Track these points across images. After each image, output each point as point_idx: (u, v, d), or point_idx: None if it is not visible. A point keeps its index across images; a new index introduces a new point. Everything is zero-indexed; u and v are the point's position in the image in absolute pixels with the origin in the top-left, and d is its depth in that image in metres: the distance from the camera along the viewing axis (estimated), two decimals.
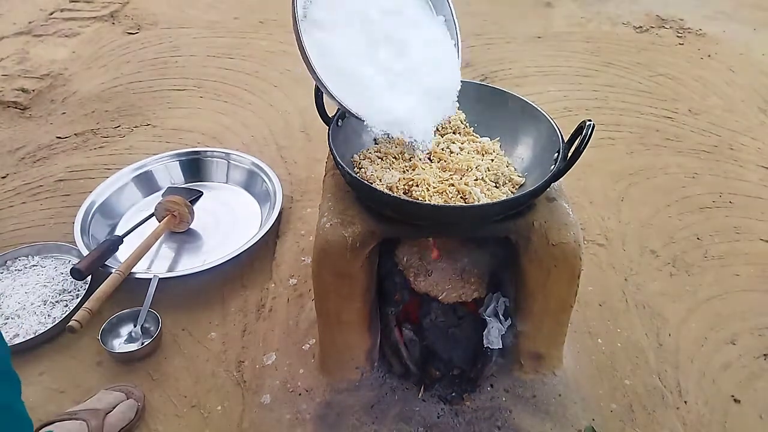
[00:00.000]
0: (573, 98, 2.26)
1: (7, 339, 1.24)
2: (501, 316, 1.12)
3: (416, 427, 1.14)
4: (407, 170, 1.03)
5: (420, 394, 1.19)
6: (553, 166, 0.96)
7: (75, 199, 1.72)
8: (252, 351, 1.32)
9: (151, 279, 1.40)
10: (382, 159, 1.06)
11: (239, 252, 1.48)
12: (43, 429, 1.06)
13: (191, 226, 1.63)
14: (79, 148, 1.99)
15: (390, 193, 0.96)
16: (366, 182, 0.97)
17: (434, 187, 0.99)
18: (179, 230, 1.60)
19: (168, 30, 2.76)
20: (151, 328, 1.35)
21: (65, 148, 1.98)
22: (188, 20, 2.85)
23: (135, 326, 1.33)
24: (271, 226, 1.57)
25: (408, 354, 1.18)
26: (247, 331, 1.37)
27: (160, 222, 1.56)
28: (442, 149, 1.09)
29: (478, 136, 1.15)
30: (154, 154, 1.82)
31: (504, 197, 0.99)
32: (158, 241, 1.56)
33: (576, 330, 1.33)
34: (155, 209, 1.58)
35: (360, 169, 1.04)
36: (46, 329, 1.32)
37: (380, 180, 1.00)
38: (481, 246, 1.13)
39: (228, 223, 1.66)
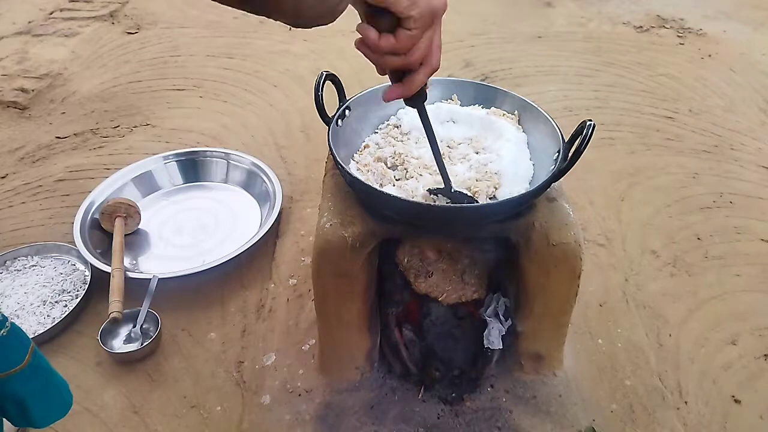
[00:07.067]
0: (573, 98, 2.25)
1: None
2: (501, 316, 1.12)
3: (416, 427, 1.13)
4: None
5: (420, 395, 1.18)
6: (553, 166, 0.96)
7: (74, 199, 1.71)
8: (252, 351, 1.31)
9: (150, 279, 1.40)
10: None
11: (239, 252, 1.47)
12: None
13: (190, 227, 1.63)
14: (78, 148, 1.98)
15: (390, 193, 0.96)
16: (366, 182, 0.97)
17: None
18: (128, 231, 1.58)
19: (168, 30, 2.76)
20: (151, 329, 1.34)
21: (65, 148, 1.98)
22: (188, 20, 2.85)
23: (134, 326, 1.33)
24: (270, 227, 1.57)
25: (408, 354, 1.18)
26: (246, 332, 1.37)
27: (108, 229, 1.55)
28: None
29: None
30: (154, 154, 1.81)
31: (505, 197, 0.99)
32: (157, 241, 1.58)
33: (576, 330, 1.33)
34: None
35: None
36: (46, 329, 1.32)
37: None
38: (482, 246, 1.12)
39: (227, 223, 1.66)
